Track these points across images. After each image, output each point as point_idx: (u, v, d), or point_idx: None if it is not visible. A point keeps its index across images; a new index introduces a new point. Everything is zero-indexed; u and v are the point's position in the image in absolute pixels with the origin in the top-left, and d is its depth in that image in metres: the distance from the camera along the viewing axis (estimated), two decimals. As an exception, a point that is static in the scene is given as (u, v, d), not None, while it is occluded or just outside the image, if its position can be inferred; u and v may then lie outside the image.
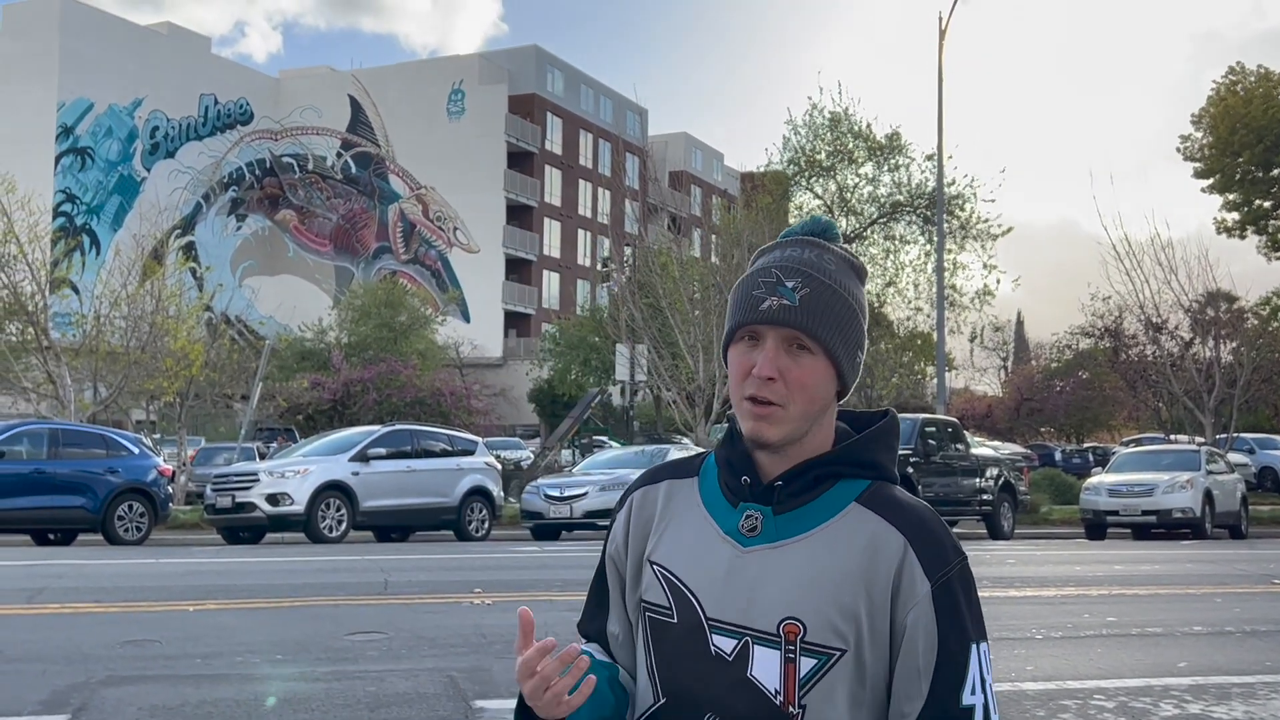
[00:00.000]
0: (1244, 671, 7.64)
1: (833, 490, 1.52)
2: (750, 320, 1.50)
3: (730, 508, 1.55)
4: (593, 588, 1.71)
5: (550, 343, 48.09)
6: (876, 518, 1.49)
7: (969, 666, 1.46)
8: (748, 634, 1.48)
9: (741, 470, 1.54)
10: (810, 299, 1.49)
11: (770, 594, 1.47)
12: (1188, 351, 29.47)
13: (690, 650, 1.51)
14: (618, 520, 1.66)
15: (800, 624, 1.45)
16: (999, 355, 67.21)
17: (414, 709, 6.38)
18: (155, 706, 6.37)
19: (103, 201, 61.17)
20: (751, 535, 1.51)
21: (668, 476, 1.65)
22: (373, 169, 68.30)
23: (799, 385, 1.48)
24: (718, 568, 1.51)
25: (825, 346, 1.49)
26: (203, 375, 26.70)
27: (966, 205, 34.10)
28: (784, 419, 1.48)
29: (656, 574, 1.56)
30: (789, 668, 1.45)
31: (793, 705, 1.45)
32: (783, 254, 1.54)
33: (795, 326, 1.48)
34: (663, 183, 40.68)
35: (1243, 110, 37.76)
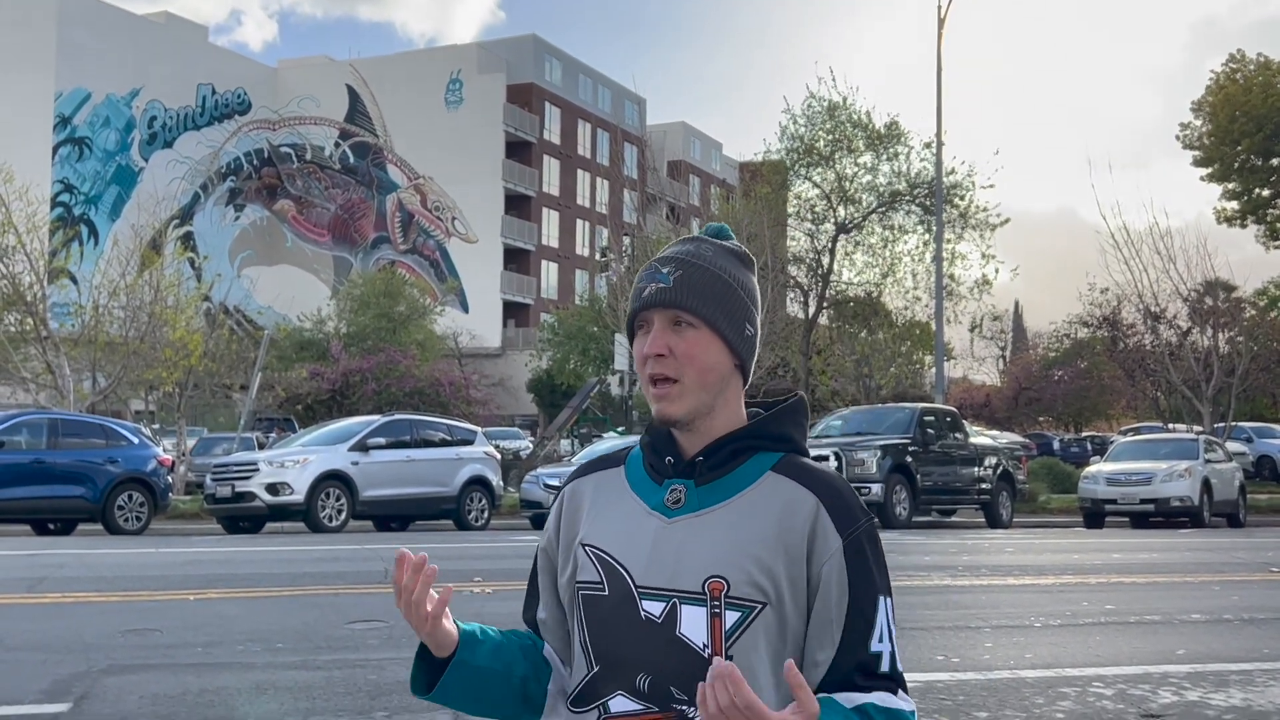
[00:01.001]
0: (1242, 659, 7.66)
1: (749, 462, 1.65)
2: (636, 309, 1.65)
3: (655, 486, 1.67)
4: (530, 579, 1.84)
5: (549, 333, 48.09)
6: (791, 483, 1.62)
7: (877, 616, 1.58)
8: (675, 595, 1.58)
9: (664, 450, 1.67)
10: (683, 279, 1.62)
11: (695, 557, 1.58)
12: (1186, 340, 29.49)
13: (621, 618, 1.61)
14: (551, 515, 1.80)
15: (724, 580, 1.56)
16: (997, 345, 67.22)
17: (414, 698, 6.40)
18: (156, 695, 6.39)
19: (100, 192, 61.08)
20: (676, 507, 1.63)
21: (596, 469, 1.79)
22: (371, 159, 68.20)
23: (687, 357, 1.61)
24: (645, 540, 1.62)
25: (705, 319, 1.62)
26: (201, 365, 26.69)
27: (965, 194, 34.07)
28: (682, 393, 1.61)
29: (588, 554, 1.67)
30: (715, 622, 1.56)
31: (720, 656, 1.55)
32: (666, 252, 1.69)
33: (672, 305, 1.61)
34: (661, 172, 40.67)
35: (1242, 99, 37.72)
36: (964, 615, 9.19)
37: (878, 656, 1.57)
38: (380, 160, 68.09)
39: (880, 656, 1.58)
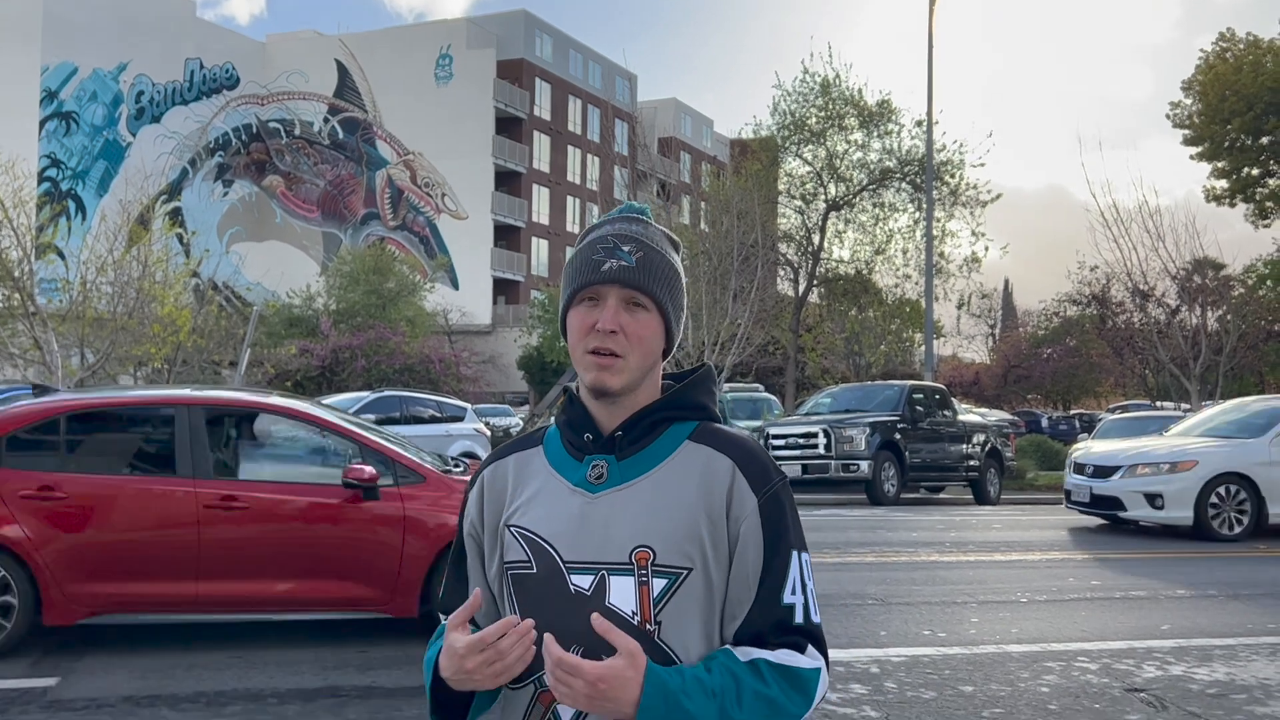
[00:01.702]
0: (1226, 634, 7.72)
1: (667, 433, 1.69)
2: (593, 281, 1.66)
3: (576, 463, 1.70)
4: (450, 567, 1.83)
5: (539, 310, 48.06)
6: (707, 449, 1.67)
7: (790, 570, 1.62)
8: (603, 568, 1.61)
9: (583, 428, 1.70)
10: (644, 261, 1.67)
11: (621, 529, 1.62)
12: (1174, 318, 29.56)
13: (550, 593, 1.63)
14: (470, 499, 1.79)
15: (650, 549, 1.60)
16: (987, 323, 67.35)
17: (404, 670, 6.43)
18: (145, 668, 6.40)
19: (88, 167, 60.71)
20: (599, 482, 1.66)
21: (514, 450, 1.80)
22: (360, 134, 67.89)
23: (637, 339, 1.65)
24: (571, 516, 1.65)
25: (658, 304, 1.67)
26: (190, 341, 26.60)
27: (956, 172, 34.02)
28: (624, 369, 1.64)
29: (515, 535, 1.69)
30: (643, 590, 1.60)
31: (649, 623, 1.59)
32: (613, 228, 1.71)
33: (633, 285, 1.65)
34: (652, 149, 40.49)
35: (1232, 78, 37.68)
36: (951, 591, 9.24)
37: (790, 609, 1.61)
38: (369, 136, 67.77)
39: (793, 609, 1.62)
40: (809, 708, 1.60)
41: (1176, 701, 5.92)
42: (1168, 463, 13.54)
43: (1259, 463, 13.42)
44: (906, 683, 6.25)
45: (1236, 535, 13.21)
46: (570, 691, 1.48)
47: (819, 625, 1.65)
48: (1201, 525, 13.23)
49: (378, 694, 5.92)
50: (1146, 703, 5.90)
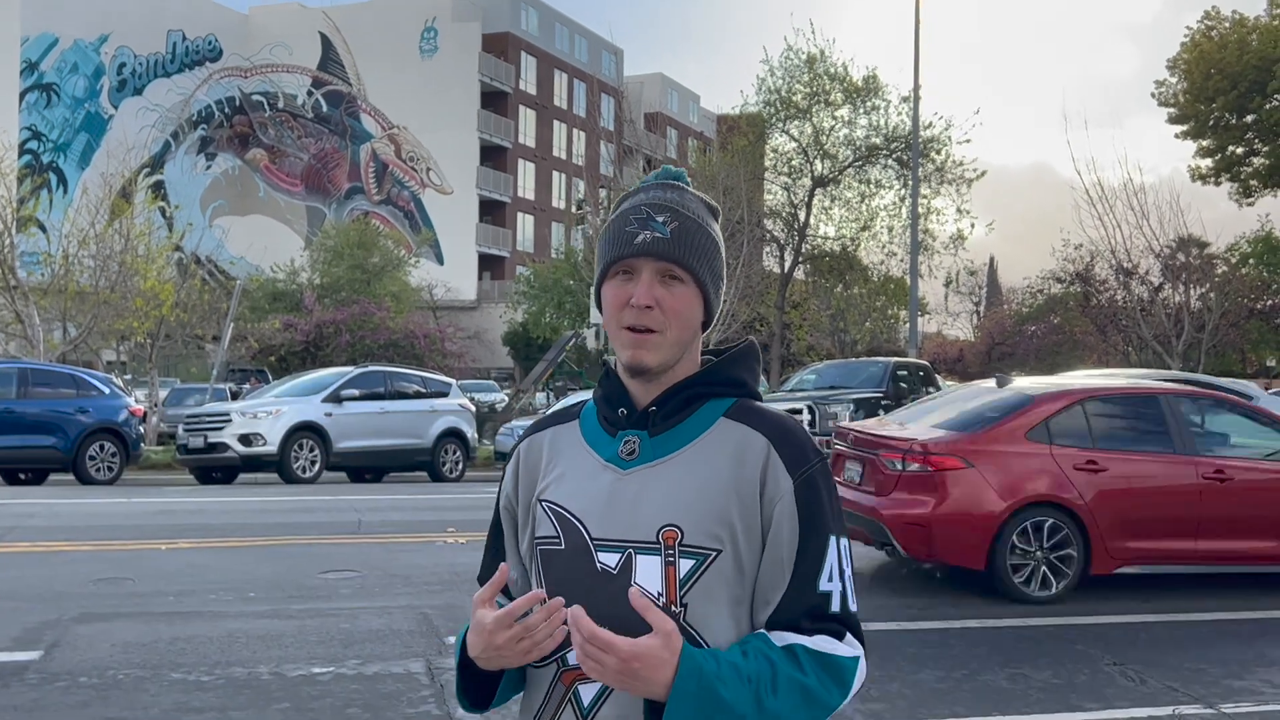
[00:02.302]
0: (1207, 609, 7.81)
1: (702, 409, 1.64)
2: (626, 254, 1.60)
3: (610, 438, 1.65)
4: (489, 540, 1.81)
5: (525, 285, 47.89)
6: (743, 427, 1.61)
7: (827, 556, 1.57)
8: (630, 546, 1.57)
9: (617, 403, 1.65)
10: (679, 231, 1.60)
11: (650, 507, 1.57)
12: (1157, 296, 29.67)
13: (577, 570, 1.59)
14: (507, 473, 1.76)
15: (678, 529, 1.55)
16: (972, 300, 67.51)
17: (387, 645, 6.44)
18: (128, 643, 6.39)
19: (69, 139, 60.18)
20: (630, 458, 1.62)
21: (551, 424, 1.76)
22: (344, 108, 67.44)
23: (674, 313, 1.59)
24: (601, 493, 1.61)
25: (695, 276, 1.61)
26: (173, 315, 26.47)
27: (942, 149, 34.03)
28: (661, 345, 1.59)
29: (546, 510, 1.65)
30: (669, 570, 1.55)
31: (675, 605, 1.54)
32: (648, 195, 1.65)
33: (668, 258, 1.59)
34: (638, 124, 40.35)
35: (1217, 56, 37.70)
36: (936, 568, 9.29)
37: (826, 596, 1.56)
38: (354, 109, 67.33)
39: (829, 596, 1.56)
40: (845, 697, 1.55)
41: (1156, 676, 5.98)
42: None
43: None
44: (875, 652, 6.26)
45: None
46: (600, 668, 1.44)
47: (856, 613, 1.60)
48: None
49: (360, 667, 5.93)
50: (1127, 676, 5.95)
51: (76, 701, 5.30)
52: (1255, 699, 5.58)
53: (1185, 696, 5.59)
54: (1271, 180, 39.12)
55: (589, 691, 1.58)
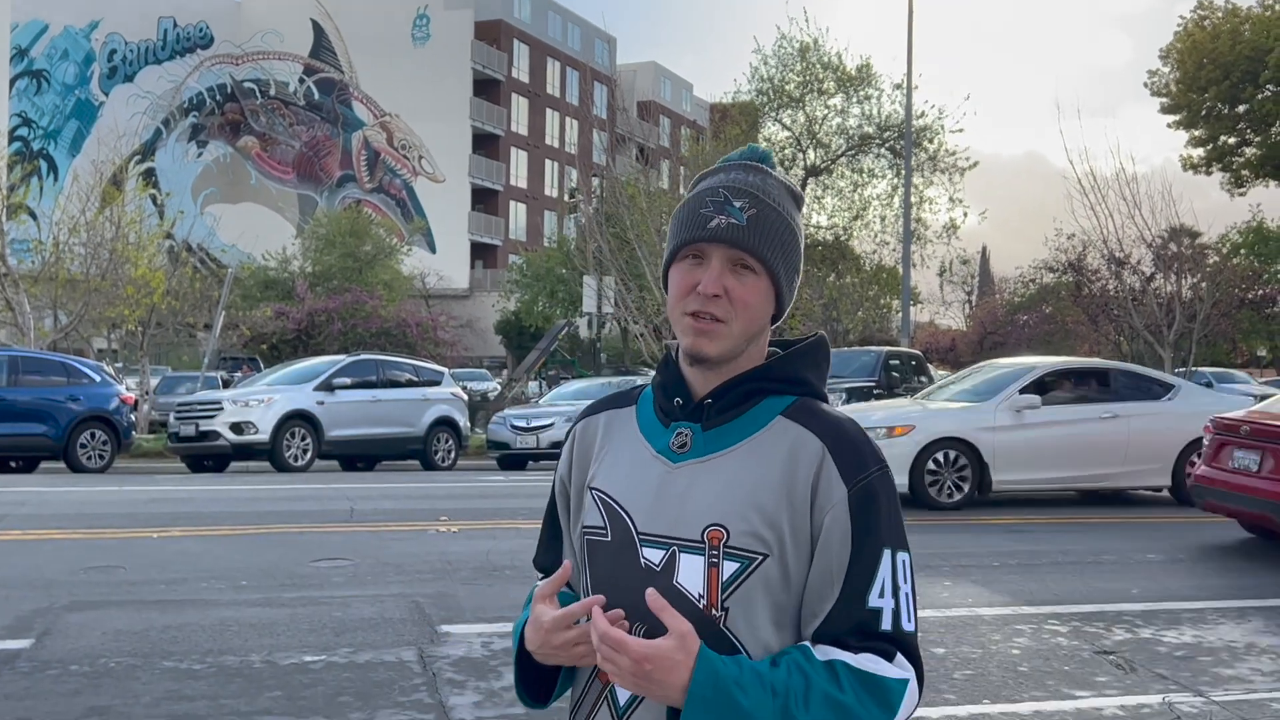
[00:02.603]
0: (1195, 598, 7.82)
1: (760, 406, 1.57)
2: (698, 238, 1.53)
3: (664, 429, 1.60)
4: (545, 522, 1.77)
5: (517, 274, 47.85)
6: (799, 428, 1.54)
7: (879, 570, 1.49)
8: (675, 543, 1.52)
9: (674, 392, 1.59)
10: (757, 219, 1.52)
11: (697, 504, 1.52)
12: (1149, 286, 29.71)
13: (622, 565, 1.55)
14: (563, 454, 1.72)
15: (724, 529, 1.49)
16: (964, 289, 67.58)
17: (379, 633, 6.44)
18: (119, 631, 6.39)
19: (60, 126, 59.93)
20: (682, 452, 1.56)
21: (608, 407, 1.70)
22: (336, 95, 67.21)
23: (742, 304, 1.52)
24: (650, 485, 1.56)
25: (768, 267, 1.53)
26: (164, 303, 26.41)
27: (934, 138, 34.06)
28: (725, 335, 1.52)
29: (595, 499, 1.61)
30: (712, 572, 1.49)
31: (715, 608, 1.49)
32: (728, 176, 1.57)
33: (742, 246, 1.51)
34: (631, 113, 40.32)
35: (1210, 46, 37.73)
36: (923, 555, 9.31)
37: (876, 613, 1.48)
38: (346, 97, 67.11)
39: (880, 613, 1.48)
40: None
41: (1145, 664, 5.99)
42: (884, 427, 12.48)
43: (981, 428, 12.65)
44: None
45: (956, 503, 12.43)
46: (615, 669, 1.41)
47: (912, 633, 1.51)
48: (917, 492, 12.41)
49: (352, 656, 5.93)
50: (1115, 665, 5.97)
51: (68, 690, 5.29)
52: (1245, 687, 5.61)
53: (1174, 685, 5.61)
54: (1263, 170, 39.20)
55: (625, 691, 1.53)
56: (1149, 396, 13.28)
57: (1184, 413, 13.09)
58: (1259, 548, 10.21)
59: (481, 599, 7.37)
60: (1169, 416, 13.08)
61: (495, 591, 7.62)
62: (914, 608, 1.52)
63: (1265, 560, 9.54)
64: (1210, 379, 33.85)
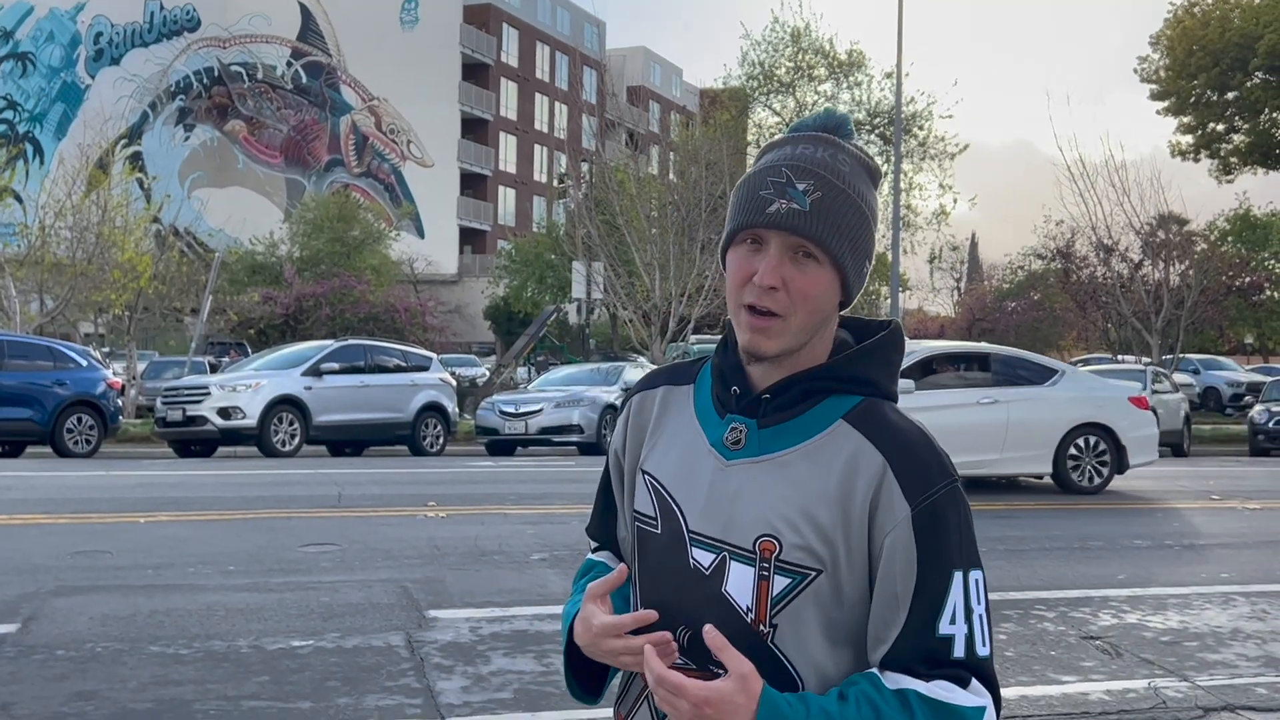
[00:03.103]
0: (1180, 583, 7.86)
1: (821, 405, 1.45)
2: (755, 223, 1.40)
3: (719, 419, 1.49)
4: (599, 493, 1.68)
5: (506, 259, 47.77)
6: (860, 437, 1.41)
7: (949, 595, 1.38)
8: (726, 549, 1.43)
9: (732, 381, 1.48)
10: (821, 204, 1.39)
11: (749, 510, 1.42)
12: (1137, 273, 29.81)
13: (671, 562, 1.47)
14: (618, 425, 1.62)
15: (776, 541, 1.40)
16: (953, 276, 67.65)
17: (368, 618, 6.43)
18: (106, 616, 6.37)
19: (46, 109, 59.54)
20: (735, 448, 1.45)
21: (665, 382, 1.59)
22: (324, 79, 66.89)
23: (802, 296, 1.40)
24: (702, 480, 1.47)
25: (833, 256, 1.40)
26: (151, 288, 26.30)
27: (924, 125, 34.08)
28: (783, 331, 1.41)
29: (646, 484, 1.52)
30: (762, 585, 1.41)
31: (763, 624, 1.41)
32: (794, 150, 1.43)
33: (804, 235, 1.39)
34: (621, 98, 40.20)
35: (1200, 32, 37.78)
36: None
37: (947, 641, 1.37)
38: (334, 81, 66.80)
39: (951, 641, 1.37)
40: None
41: (1131, 649, 6.02)
42: None
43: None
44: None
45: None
46: (673, 711, 1.34)
47: (986, 658, 1.39)
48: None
49: (340, 641, 5.92)
50: (1102, 650, 6.00)
51: (54, 674, 5.27)
52: (1230, 672, 5.64)
53: (1160, 670, 5.64)
54: (1251, 158, 39.29)
55: None
56: (1031, 382, 12.96)
57: (1066, 399, 12.93)
58: (1243, 533, 10.27)
59: (469, 584, 7.37)
60: (1051, 402, 12.85)
61: (483, 577, 7.62)
62: (989, 630, 1.42)
63: (1250, 546, 9.59)
64: (1197, 366, 34.03)
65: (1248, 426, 23.36)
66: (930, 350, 13.38)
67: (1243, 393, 33.00)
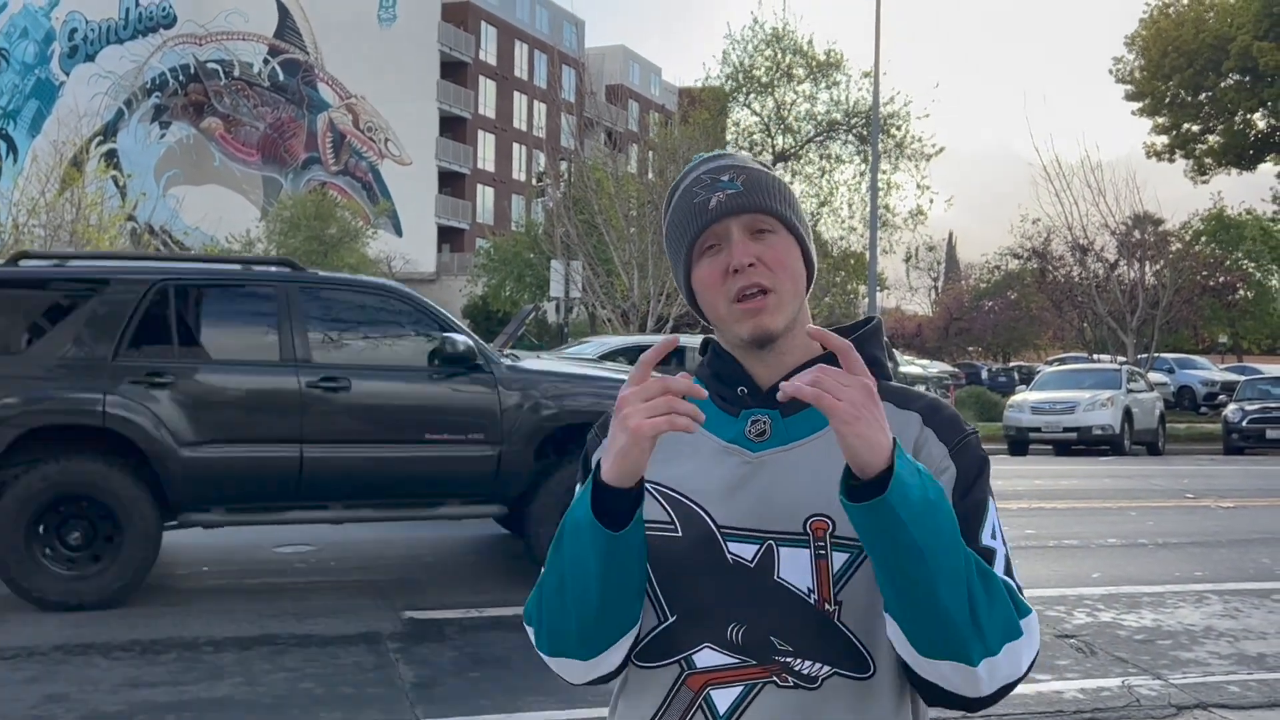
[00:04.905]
0: (1154, 582, 7.90)
1: None
2: (706, 222, 1.45)
3: (729, 418, 1.49)
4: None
5: (484, 258, 47.65)
6: (890, 405, 1.42)
7: (987, 513, 1.43)
8: (770, 537, 1.41)
9: (735, 380, 1.50)
10: (750, 182, 1.47)
11: (790, 494, 1.42)
12: (1113, 273, 29.99)
13: (703, 562, 1.43)
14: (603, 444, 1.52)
15: (829, 519, 1.40)
16: (930, 275, 67.98)
17: (343, 619, 6.40)
18: (78, 617, 6.32)
19: (19, 106, 59.06)
20: (761, 439, 1.46)
21: None
22: (301, 77, 66.58)
23: (778, 263, 1.45)
24: (726, 476, 1.45)
25: (783, 220, 1.46)
26: (126, 286, 26.11)
27: (902, 125, 34.20)
28: (778, 305, 1.45)
29: (652, 492, 1.47)
30: (820, 564, 1.40)
31: (829, 602, 1.40)
32: (705, 166, 1.52)
33: (751, 209, 1.45)
34: (599, 97, 40.19)
35: (1174, 33, 38.03)
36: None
37: (990, 552, 1.40)
38: (311, 78, 66.50)
39: (994, 552, 1.41)
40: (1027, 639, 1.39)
41: (1105, 647, 6.05)
42: None
43: None
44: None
45: None
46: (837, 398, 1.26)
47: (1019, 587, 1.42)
48: None
49: (314, 642, 5.89)
50: (1076, 648, 6.02)
51: (24, 677, 5.23)
52: (1203, 670, 5.67)
53: (1134, 668, 5.67)
54: (1225, 158, 39.59)
55: (726, 697, 1.41)
56: None
57: None
58: (1217, 532, 10.34)
59: (444, 584, 7.35)
60: None
61: (459, 577, 7.60)
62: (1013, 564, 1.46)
63: (1223, 545, 9.66)
64: (1172, 365, 34.26)
65: (1222, 425, 23.53)
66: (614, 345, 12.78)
67: (1217, 392, 33.26)
